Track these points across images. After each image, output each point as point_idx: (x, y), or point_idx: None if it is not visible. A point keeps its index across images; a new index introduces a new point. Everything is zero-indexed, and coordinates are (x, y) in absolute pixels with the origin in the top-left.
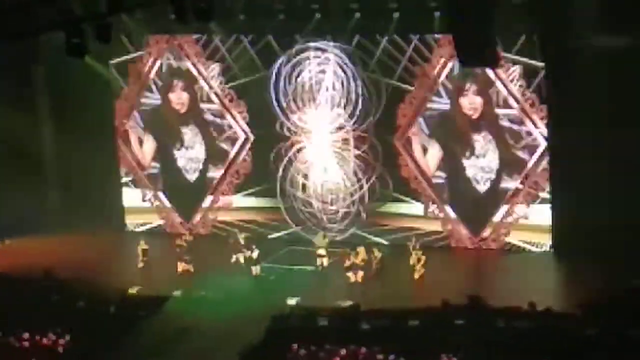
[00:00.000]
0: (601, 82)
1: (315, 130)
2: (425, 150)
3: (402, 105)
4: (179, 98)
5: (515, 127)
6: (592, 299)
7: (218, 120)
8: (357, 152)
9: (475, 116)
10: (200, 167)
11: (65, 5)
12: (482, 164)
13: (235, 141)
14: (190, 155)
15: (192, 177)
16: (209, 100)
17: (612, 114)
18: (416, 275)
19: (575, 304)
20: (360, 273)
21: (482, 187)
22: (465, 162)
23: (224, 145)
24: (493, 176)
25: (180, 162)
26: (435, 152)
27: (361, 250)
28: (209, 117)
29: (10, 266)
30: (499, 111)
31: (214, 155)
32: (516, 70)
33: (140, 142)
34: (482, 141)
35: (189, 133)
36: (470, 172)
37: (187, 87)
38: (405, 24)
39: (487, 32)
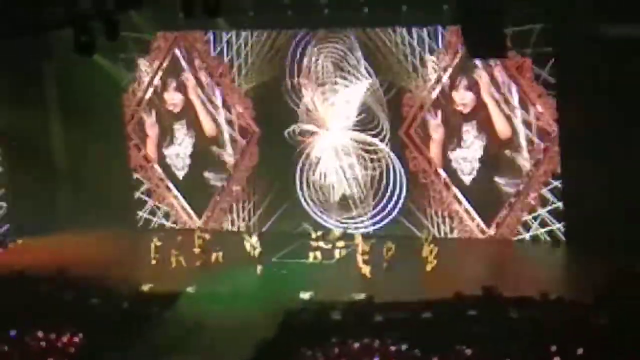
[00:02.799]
0: (611, 71)
1: (325, 126)
2: (430, 142)
3: (408, 98)
4: (172, 98)
5: (522, 117)
6: (605, 289)
7: (222, 115)
8: (367, 146)
9: (465, 111)
10: (199, 163)
11: (73, 2)
12: (468, 155)
13: (242, 136)
14: (181, 151)
15: (191, 173)
16: (214, 96)
17: (622, 103)
18: (428, 267)
19: (587, 294)
20: (367, 266)
21: (491, 184)
22: (460, 153)
23: (230, 142)
24: (500, 171)
25: (178, 159)
26: (437, 144)
27: (358, 238)
28: (212, 113)
29: (23, 265)
30: (505, 98)
31: (218, 152)
32: (524, 60)
33: (146, 138)
34: (478, 134)
35: (182, 130)
36: (474, 169)
37: (180, 87)
38: (413, 16)
39: (495, 23)
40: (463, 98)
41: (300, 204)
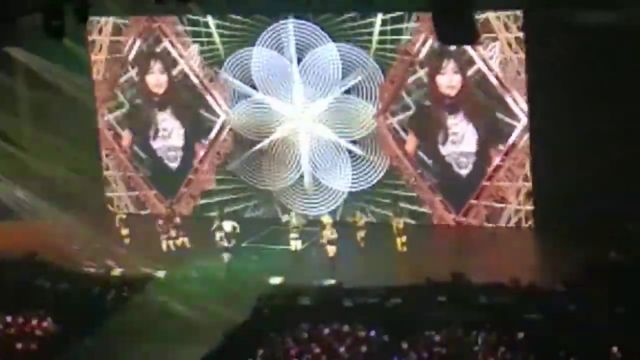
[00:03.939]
0: (582, 57)
1: (296, 110)
2: (404, 129)
3: (383, 83)
4: (157, 80)
5: (494, 103)
6: (574, 275)
7: (197, 101)
8: (340, 130)
9: (453, 94)
10: (181, 152)
11: None
12: (460, 149)
13: (215, 122)
14: (169, 143)
15: (173, 164)
16: (188, 81)
17: (593, 90)
18: (399, 252)
19: (557, 280)
20: (333, 247)
21: (463, 171)
22: (443, 148)
23: (204, 126)
24: (473, 158)
25: (160, 151)
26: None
27: (325, 219)
28: (188, 98)
29: None
30: (478, 88)
31: (193, 136)
32: (496, 46)
33: (120, 126)
34: (459, 124)
35: (167, 119)
36: (448, 157)
37: (165, 69)
38: (385, 1)
39: (466, 9)
40: (451, 81)
41: (272, 191)
